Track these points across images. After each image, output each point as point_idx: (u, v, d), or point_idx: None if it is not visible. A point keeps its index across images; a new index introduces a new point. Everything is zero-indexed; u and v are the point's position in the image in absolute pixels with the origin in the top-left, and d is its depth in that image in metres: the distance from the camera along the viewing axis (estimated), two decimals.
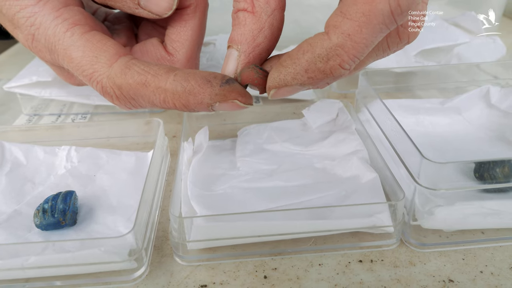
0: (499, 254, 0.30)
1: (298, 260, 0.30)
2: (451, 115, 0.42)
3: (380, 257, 0.30)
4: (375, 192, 0.33)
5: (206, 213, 0.31)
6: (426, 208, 0.30)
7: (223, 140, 0.41)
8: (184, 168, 0.35)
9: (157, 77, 0.27)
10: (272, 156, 0.38)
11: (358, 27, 0.24)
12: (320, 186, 0.35)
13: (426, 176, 0.29)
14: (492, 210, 0.30)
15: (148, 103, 0.29)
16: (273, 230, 0.30)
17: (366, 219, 0.30)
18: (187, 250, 0.30)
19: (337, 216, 0.31)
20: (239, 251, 0.31)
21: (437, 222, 0.30)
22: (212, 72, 0.28)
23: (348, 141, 0.38)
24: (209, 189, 0.34)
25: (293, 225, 0.30)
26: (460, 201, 0.29)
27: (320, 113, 0.40)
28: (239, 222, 0.29)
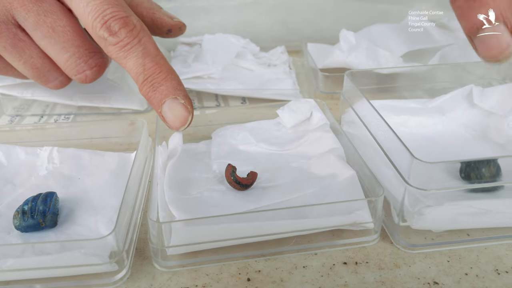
0: (484, 256, 0.29)
1: (282, 262, 0.29)
2: (435, 116, 0.40)
3: (365, 259, 0.29)
4: (354, 189, 0.32)
5: (184, 217, 0.29)
6: (415, 209, 0.28)
7: (197, 143, 0.39)
8: (160, 173, 0.33)
9: None
10: (248, 157, 0.37)
11: None
12: (298, 185, 0.33)
13: (416, 176, 0.27)
14: (481, 210, 0.29)
15: None
16: (253, 232, 0.28)
17: (346, 216, 0.29)
18: (167, 255, 0.28)
19: (317, 214, 0.29)
20: (221, 253, 0.29)
21: (426, 223, 0.29)
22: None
23: (323, 140, 0.37)
24: (186, 193, 0.32)
25: (273, 225, 0.28)
26: (448, 201, 0.28)
27: (294, 112, 0.39)
28: (219, 225, 0.28)
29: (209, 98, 0.51)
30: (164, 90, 0.32)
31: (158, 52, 0.34)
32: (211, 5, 0.61)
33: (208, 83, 0.50)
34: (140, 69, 0.32)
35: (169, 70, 0.33)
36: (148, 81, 0.32)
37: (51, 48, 0.36)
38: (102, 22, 0.32)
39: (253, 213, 0.29)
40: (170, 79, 0.33)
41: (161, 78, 0.32)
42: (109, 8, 0.32)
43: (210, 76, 0.50)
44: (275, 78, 0.53)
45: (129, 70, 0.33)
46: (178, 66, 0.51)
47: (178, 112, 0.33)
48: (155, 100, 0.33)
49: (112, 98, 0.47)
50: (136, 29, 0.33)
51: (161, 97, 0.32)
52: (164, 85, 0.32)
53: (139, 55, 0.32)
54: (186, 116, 0.33)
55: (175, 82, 0.33)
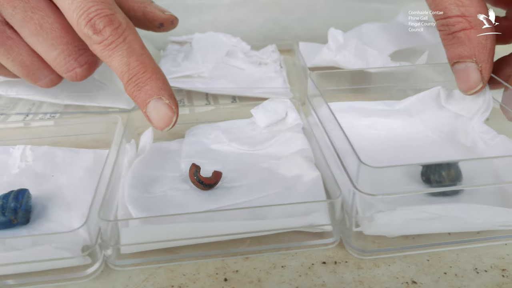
0: (464, 255, 0.29)
1: (261, 261, 0.28)
2: (404, 117, 0.40)
3: (344, 259, 0.29)
4: (316, 190, 0.31)
5: (141, 215, 0.29)
6: (367, 214, 0.27)
7: (169, 141, 0.39)
8: (124, 171, 0.33)
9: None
10: (218, 157, 0.37)
11: None
12: (263, 186, 0.33)
13: (364, 181, 0.26)
14: (435, 215, 0.28)
15: None
16: (208, 232, 0.28)
17: (303, 218, 0.28)
18: (121, 254, 0.28)
19: (275, 215, 0.29)
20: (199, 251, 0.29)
21: (378, 228, 0.28)
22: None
23: (293, 140, 0.37)
24: (149, 191, 0.32)
25: (227, 225, 0.28)
26: (401, 206, 0.27)
27: (268, 112, 0.39)
28: (172, 225, 0.28)
29: (199, 97, 0.51)
30: (148, 90, 0.32)
31: (144, 51, 0.33)
32: (202, 4, 0.61)
33: (197, 82, 0.50)
34: (125, 68, 0.32)
35: (154, 70, 0.33)
36: (132, 81, 0.32)
37: (40, 46, 0.36)
38: (86, 20, 0.32)
39: (208, 212, 0.29)
40: (155, 78, 0.32)
41: (146, 78, 0.32)
42: (94, 6, 0.32)
43: (200, 75, 0.50)
44: (265, 76, 0.53)
45: (114, 69, 0.33)
46: (167, 65, 0.51)
47: (162, 112, 0.32)
48: (139, 99, 0.33)
49: (98, 97, 0.47)
50: (121, 27, 0.32)
51: (145, 97, 0.32)
52: (148, 85, 0.32)
53: (124, 54, 0.32)
54: (170, 116, 0.32)
55: (160, 82, 0.33)
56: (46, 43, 0.35)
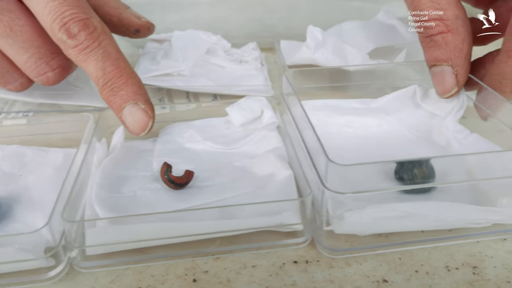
0: (436, 253, 0.29)
1: (232, 261, 0.28)
2: (380, 116, 0.39)
3: (316, 258, 0.28)
4: (288, 189, 0.31)
5: (109, 216, 0.29)
6: (337, 213, 0.27)
7: (143, 140, 0.38)
8: (93, 170, 0.32)
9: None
10: (192, 156, 0.36)
11: None
12: (235, 185, 0.33)
13: (333, 179, 0.26)
14: (405, 213, 0.28)
15: None
16: (177, 232, 0.28)
17: (273, 217, 0.28)
18: (86, 256, 0.28)
19: (245, 215, 0.29)
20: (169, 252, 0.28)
21: (348, 227, 0.28)
22: None
23: (268, 139, 0.36)
24: (118, 191, 0.32)
25: (198, 225, 0.28)
26: (371, 204, 0.27)
27: (243, 110, 0.38)
28: (140, 225, 0.27)
29: (179, 96, 0.50)
30: (124, 95, 0.32)
31: (120, 55, 0.33)
32: (183, 1, 0.60)
33: (177, 80, 0.49)
34: (100, 72, 0.32)
35: (130, 74, 0.32)
36: (108, 85, 0.32)
37: (10, 48, 0.35)
38: (61, 24, 0.31)
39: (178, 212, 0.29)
40: (130, 83, 0.32)
41: (121, 83, 0.32)
42: (68, 10, 0.31)
43: (179, 73, 0.50)
44: (246, 74, 0.53)
45: (89, 73, 0.33)
46: (146, 63, 0.51)
47: (138, 117, 0.32)
48: (115, 104, 0.32)
49: (73, 96, 0.46)
50: (96, 31, 0.32)
51: (121, 102, 0.32)
52: (124, 90, 0.32)
53: (99, 58, 0.32)
54: (146, 121, 0.32)
55: (135, 87, 0.32)
56: (16, 46, 0.35)
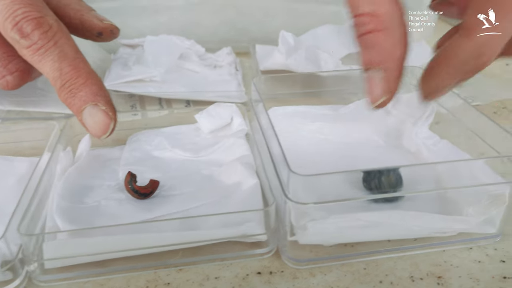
0: (401, 263, 0.29)
1: (195, 273, 0.28)
2: (351, 122, 0.39)
3: (280, 269, 0.28)
4: (254, 199, 0.31)
5: (69, 228, 0.28)
6: (300, 223, 0.27)
7: (110, 148, 0.38)
8: (56, 180, 0.32)
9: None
10: (159, 164, 0.36)
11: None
12: (201, 194, 0.32)
13: (295, 189, 0.26)
14: (370, 222, 0.28)
15: None
16: (139, 244, 0.27)
17: (236, 228, 0.28)
18: (45, 269, 0.27)
19: (208, 225, 0.28)
20: (131, 263, 0.28)
21: (312, 237, 0.27)
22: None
23: (235, 147, 0.36)
24: (81, 201, 0.31)
25: (160, 237, 0.27)
26: (335, 214, 0.27)
27: (212, 118, 0.38)
28: (99, 237, 0.27)
29: (152, 102, 0.50)
30: (83, 96, 0.31)
31: (78, 55, 0.32)
32: (157, 5, 0.59)
33: (149, 86, 0.49)
34: (56, 73, 0.31)
35: (88, 75, 0.31)
36: (66, 87, 0.31)
37: None
38: (13, 23, 0.30)
39: (139, 224, 0.29)
40: (89, 84, 0.31)
41: (79, 83, 0.31)
42: (21, 8, 0.30)
43: (152, 79, 0.49)
44: (220, 79, 0.52)
45: (46, 74, 0.31)
46: (118, 69, 0.50)
47: (98, 119, 0.31)
48: (74, 107, 0.31)
49: (42, 103, 0.45)
50: (51, 30, 0.31)
51: (80, 104, 0.31)
52: (83, 91, 0.31)
53: (55, 58, 0.31)
54: (107, 123, 0.31)
55: (95, 87, 0.31)
56: None
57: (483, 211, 0.29)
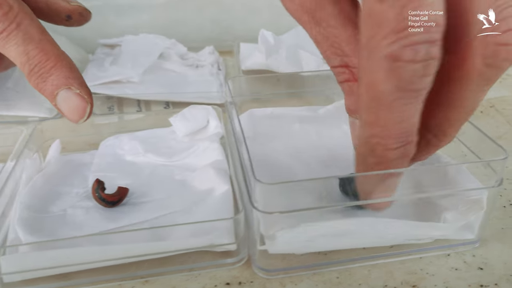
0: (376, 271, 0.28)
1: (161, 284, 0.27)
2: (331, 123, 0.38)
3: (250, 279, 0.27)
4: (225, 206, 0.30)
5: (31, 239, 0.27)
6: (270, 232, 0.26)
7: (82, 153, 0.37)
8: (21, 189, 0.31)
9: None
10: (131, 169, 0.35)
11: (375, 115, 0.22)
12: (172, 202, 0.31)
13: (262, 198, 0.25)
14: (343, 230, 0.27)
15: None
16: (102, 256, 0.26)
17: (204, 237, 0.27)
18: (4, 283, 0.26)
19: (176, 235, 0.27)
20: (96, 276, 0.27)
21: (281, 247, 0.27)
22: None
23: (209, 151, 0.35)
24: (46, 210, 0.30)
25: (125, 249, 0.26)
26: (305, 222, 0.26)
27: (187, 121, 0.37)
28: (60, 250, 0.26)
29: (130, 104, 0.49)
30: (54, 80, 0.29)
31: (44, 36, 0.30)
32: (138, 3, 0.58)
33: (126, 88, 0.48)
34: (24, 58, 0.29)
35: (58, 57, 0.29)
36: (35, 71, 0.29)
37: None
38: None
39: (100, 236, 0.28)
40: (60, 66, 0.29)
41: (49, 67, 0.29)
42: None
43: (129, 80, 0.48)
44: (201, 80, 0.51)
45: (13, 60, 0.30)
46: (94, 69, 0.49)
47: (73, 103, 0.29)
48: (46, 92, 0.29)
49: (16, 106, 0.44)
50: (12, 11, 0.29)
51: (52, 89, 0.29)
52: (54, 75, 0.29)
53: (20, 42, 0.29)
54: (83, 107, 0.29)
55: (66, 69, 0.29)
56: None
57: (460, 217, 0.28)
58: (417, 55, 0.20)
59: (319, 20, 0.25)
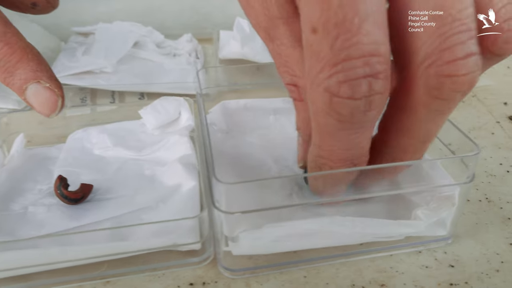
0: (344, 270, 0.27)
1: (123, 285, 0.26)
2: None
3: (214, 279, 0.27)
4: (191, 203, 0.29)
5: None
6: (233, 233, 0.25)
7: (49, 147, 0.36)
8: None
9: None
10: (99, 164, 0.34)
11: (321, 141, 0.22)
12: (138, 198, 0.31)
13: (223, 198, 0.24)
14: (309, 230, 0.26)
15: None
16: (60, 257, 0.26)
17: (167, 236, 0.26)
18: None
19: (139, 235, 0.27)
20: (54, 277, 0.26)
21: (245, 248, 0.26)
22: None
23: (178, 145, 0.34)
24: (7, 208, 0.30)
25: (84, 249, 0.26)
26: (270, 222, 0.25)
27: (158, 113, 0.36)
28: (14, 251, 0.25)
29: (104, 95, 0.47)
30: (22, 75, 0.28)
31: (8, 28, 0.28)
32: None
33: (99, 79, 0.47)
34: None
35: (24, 50, 0.28)
36: (0, 66, 0.28)
37: None
38: None
39: (60, 236, 0.27)
40: (26, 60, 0.28)
41: (15, 61, 0.28)
42: None
43: (102, 70, 0.47)
44: (178, 69, 0.50)
45: None
46: (64, 60, 0.48)
47: (43, 97, 0.28)
48: (15, 87, 0.28)
49: None
50: None
51: (20, 83, 0.28)
52: (20, 68, 0.28)
53: None
54: (54, 101, 0.28)
55: (33, 63, 0.28)
56: None
57: (431, 213, 0.27)
58: (357, 91, 0.18)
59: (273, 38, 0.24)
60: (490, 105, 0.46)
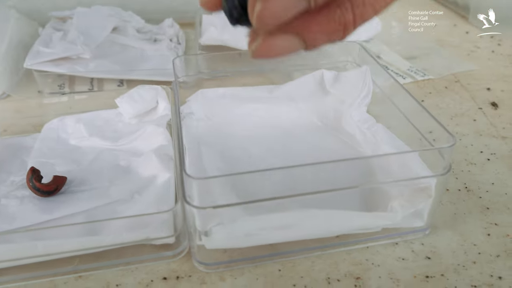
0: (319, 263, 0.27)
1: (95, 280, 0.26)
2: (288, 103, 0.37)
3: (188, 273, 0.26)
4: (166, 196, 0.29)
5: None
6: (207, 227, 0.25)
7: (24, 136, 0.35)
8: None
9: None
10: (74, 155, 0.33)
11: None
12: (112, 190, 0.30)
13: (194, 193, 0.24)
14: (284, 223, 0.26)
15: None
16: (31, 252, 0.25)
17: (140, 230, 0.26)
18: None
19: (111, 229, 0.26)
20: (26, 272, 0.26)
21: (218, 242, 0.25)
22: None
23: (155, 135, 0.33)
24: None
25: (55, 244, 0.25)
26: (243, 216, 0.25)
27: (135, 102, 0.35)
28: None
29: (82, 82, 0.47)
30: None
31: None
32: None
33: (76, 65, 0.46)
34: None
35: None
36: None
37: None
38: None
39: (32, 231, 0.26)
40: None
41: None
42: None
43: (79, 56, 0.46)
44: (158, 55, 0.49)
45: None
46: (40, 45, 0.46)
47: None
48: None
49: None
50: None
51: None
52: None
53: None
54: None
55: None
56: None
57: (408, 205, 0.27)
58: None
59: None
60: (473, 90, 0.45)
